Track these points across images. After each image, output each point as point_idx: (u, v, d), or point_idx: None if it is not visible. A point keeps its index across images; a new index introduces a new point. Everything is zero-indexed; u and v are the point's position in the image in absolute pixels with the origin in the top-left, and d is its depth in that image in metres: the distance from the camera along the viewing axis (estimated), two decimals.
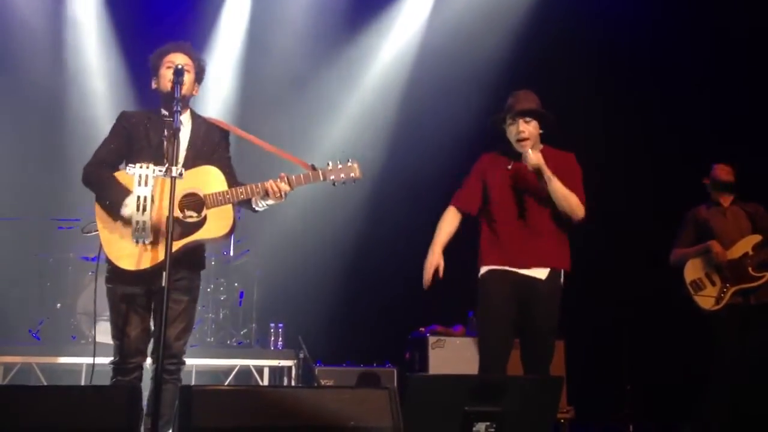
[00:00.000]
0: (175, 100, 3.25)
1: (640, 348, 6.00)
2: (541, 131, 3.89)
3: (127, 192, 3.27)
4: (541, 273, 3.76)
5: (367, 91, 7.83)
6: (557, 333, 6.12)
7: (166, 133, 3.37)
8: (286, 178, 3.42)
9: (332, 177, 3.46)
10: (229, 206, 3.37)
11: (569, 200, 3.73)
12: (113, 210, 3.30)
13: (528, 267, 3.76)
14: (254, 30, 7.62)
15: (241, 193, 3.38)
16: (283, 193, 3.40)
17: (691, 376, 5.22)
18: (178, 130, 3.20)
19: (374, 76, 7.85)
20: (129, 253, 3.28)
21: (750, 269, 4.75)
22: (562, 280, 3.83)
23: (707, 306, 4.80)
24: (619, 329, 6.07)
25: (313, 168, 3.46)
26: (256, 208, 3.53)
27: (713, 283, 4.82)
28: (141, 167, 3.16)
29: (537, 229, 3.77)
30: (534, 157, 3.72)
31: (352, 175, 3.48)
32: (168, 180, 3.17)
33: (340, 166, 3.47)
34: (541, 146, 3.92)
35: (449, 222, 3.93)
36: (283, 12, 7.54)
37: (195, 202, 3.32)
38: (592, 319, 6.31)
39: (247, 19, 7.65)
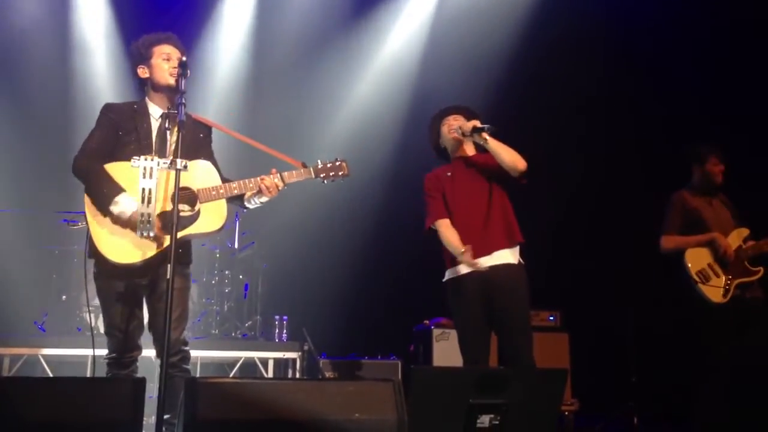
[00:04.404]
0: (180, 93, 3.24)
1: (645, 340, 5.99)
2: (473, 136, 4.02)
3: (118, 189, 3.25)
4: (500, 257, 3.82)
5: (375, 82, 7.82)
6: (562, 326, 6.23)
7: (168, 125, 3.40)
8: (279, 175, 3.43)
9: (322, 175, 3.55)
10: (223, 201, 3.37)
11: (510, 152, 3.85)
12: (103, 205, 3.27)
13: (487, 254, 3.81)
14: (259, 18, 7.62)
15: (234, 188, 3.38)
16: (275, 190, 3.42)
17: (696, 368, 5.19)
18: (183, 123, 3.19)
19: (382, 64, 7.85)
20: (120, 248, 3.26)
21: (745, 262, 4.69)
22: (519, 255, 3.89)
23: (716, 299, 4.65)
24: (624, 322, 6.06)
25: (304, 165, 3.53)
26: (249, 206, 3.53)
27: (717, 275, 4.70)
28: (146, 159, 3.14)
29: (487, 217, 3.88)
30: (466, 123, 3.92)
31: (341, 173, 3.59)
32: (164, 174, 3.20)
33: (329, 165, 3.57)
34: (476, 152, 4.10)
35: (450, 228, 3.93)
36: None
37: (187, 196, 3.31)
38: (596, 312, 6.31)
39: (252, 5, 7.65)
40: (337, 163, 3.59)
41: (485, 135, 3.83)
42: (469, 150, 4.12)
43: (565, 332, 6.19)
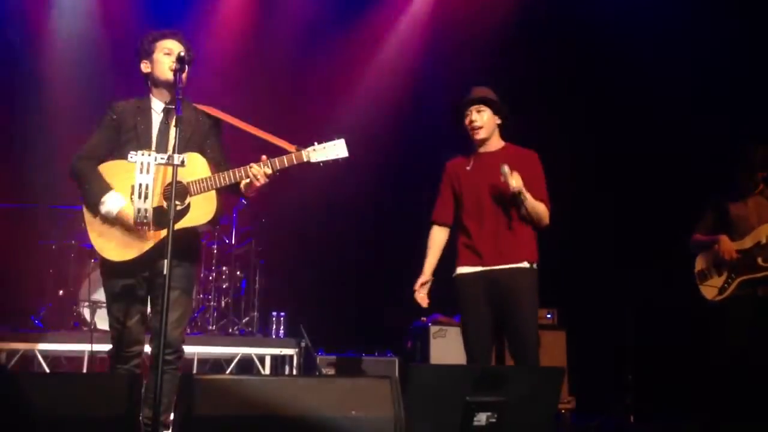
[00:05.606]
0: (177, 88, 3.23)
1: (642, 339, 5.99)
2: (498, 122, 3.96)
3: (105, 188, 3.27)
4: (514, 268, 3.80)
5: (377, 69, 7.82)
6: (559, 324, 6.23)
7: (168, 120, 3.39)
8: (268, 162, 3.31)
9: (317, 158, 3.31)
10: (213, 192, 3.32)
11: (538, 211, 3.81)
12: (93, 206, 3.29)
13: (500, 264, 3.79)
14: (260, 10, 7.61)
15: (224, 178, 3.30)
16: (263, 177, 3.29)
17: (694, 367, 5.20)
18: (180, 118, 3.17)
19: (384, 51, 7.85)
20: (114, 246, 3.29)
21: (759, 259, 4.56)
22: (534, 270, 3.85)
23: (710, 296, 4.69)
24: (622, 320, 6.06)
25: (298, 149, 3.33)
26: (248, 194, 3.45)
27: (720, 273, 4.69)
28: (143, 154, 3.13)
29: (505, 224, 3.82)
30: (516, 182, 3.71)
31: (339, 154, 3.33)
32: (161, 169, 3.19)
33: (324, 146, 3.31)
34: (503, 144, 3.99)
35: (435, 239, 4.00)
36: None
37: (178, 189, 3.23)
38: (593, 310, 6.31)
39: None
40: (334, 143, 3.33)
41: (523, 196, 3.72)
42: (495, 143, 3.97)
43: (562, 330, 6.20)
